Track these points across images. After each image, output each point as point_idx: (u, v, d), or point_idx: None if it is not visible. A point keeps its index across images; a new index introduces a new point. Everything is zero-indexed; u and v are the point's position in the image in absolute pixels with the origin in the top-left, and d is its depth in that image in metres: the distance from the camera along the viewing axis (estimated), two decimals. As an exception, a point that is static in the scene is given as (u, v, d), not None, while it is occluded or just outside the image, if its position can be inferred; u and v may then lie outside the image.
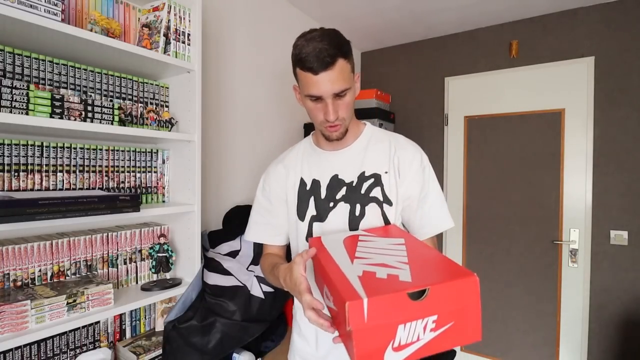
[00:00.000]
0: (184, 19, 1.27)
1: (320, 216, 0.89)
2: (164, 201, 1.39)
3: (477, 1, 2.08)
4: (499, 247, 2.39)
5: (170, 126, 1.29)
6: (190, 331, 1.16)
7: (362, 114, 2.43)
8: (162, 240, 1.26)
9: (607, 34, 2.07)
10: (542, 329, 2.26)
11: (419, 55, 2.69)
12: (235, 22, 1.80)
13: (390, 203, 0.88)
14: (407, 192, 0.90)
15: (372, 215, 0.87)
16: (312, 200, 0.91)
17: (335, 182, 0.90)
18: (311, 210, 0.90)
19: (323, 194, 0.90)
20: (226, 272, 1.30)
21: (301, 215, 0.92)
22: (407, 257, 0.65)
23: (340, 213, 0.88)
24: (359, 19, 2.34)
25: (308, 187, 0.92)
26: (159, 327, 1.31)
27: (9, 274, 1.00)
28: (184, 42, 1.27)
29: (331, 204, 0.89)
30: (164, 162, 1.39)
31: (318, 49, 0.76)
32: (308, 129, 2.28)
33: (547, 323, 2.24)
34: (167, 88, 1.40)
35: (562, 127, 2.20)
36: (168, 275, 1.29)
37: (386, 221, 0.88)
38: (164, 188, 1.39)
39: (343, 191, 0.89)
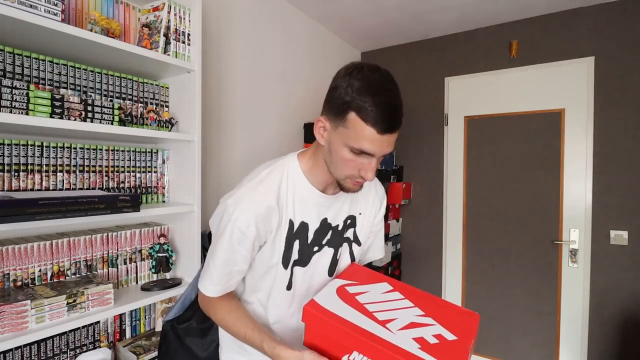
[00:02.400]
0: (184, 19, 1.27)
1: (303, 260, 0.82)
2: (164, 201, 1.39)
3: (477, 1, 2.08)
4: (499, 247, 2.39)
5: (170, 126, 1.29)
6: (189, 332, 1.16)
7: (362, 114, 2.42)
8: (162, 240, 1.26)
9: (607, 34, 2.06)
10: (542, 329, 2.26)
11: (419, 55, 2.69)
12: (235, 22, 1.80)
13: (359, 243, 0.90)
14: (371, 232, 0.95)
15: (345, 256, 0.87)
16: (296, 244, 0.81)
17: (325, 226, 0.84)
18: (294, 255, 0.81)
19: (310, 238, 0.82)
20: (226, 272, 1.30)
21: (286, 262, 0.81)
22: (419, 309, 0.69)
23: (324, 257, 0.85)
24: (358, 19, 2.34)
25: (294, 230, 0.80)
26: (159, 327, 1.31)
27: (9, 274, 1.00)
28: (184, 42, 1.27)
29: (316, 248, 0.83)
30: (164, 162, 1.39)
31: (392, 106, 0.66)
32: (308, 128, 2.28)
33: (547, 323, 2.24)
34: (167, 88, 1.40)
35: (562, 127, 2.20)
36: (168, 275, 1.29)
37: (352, 260, 0.89)
38: (164, 188, 1.39)
39: (329, 235, 0.84)
